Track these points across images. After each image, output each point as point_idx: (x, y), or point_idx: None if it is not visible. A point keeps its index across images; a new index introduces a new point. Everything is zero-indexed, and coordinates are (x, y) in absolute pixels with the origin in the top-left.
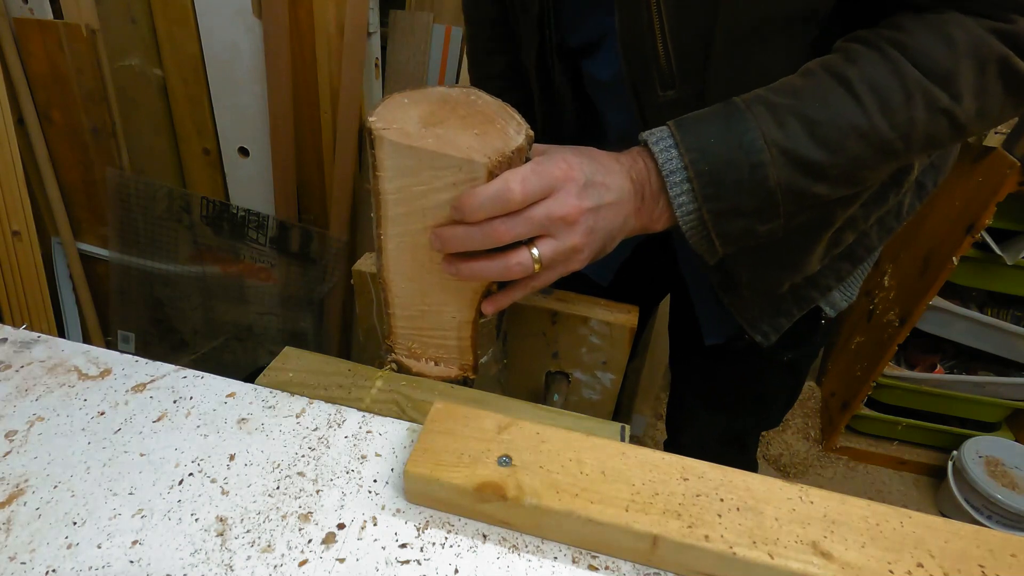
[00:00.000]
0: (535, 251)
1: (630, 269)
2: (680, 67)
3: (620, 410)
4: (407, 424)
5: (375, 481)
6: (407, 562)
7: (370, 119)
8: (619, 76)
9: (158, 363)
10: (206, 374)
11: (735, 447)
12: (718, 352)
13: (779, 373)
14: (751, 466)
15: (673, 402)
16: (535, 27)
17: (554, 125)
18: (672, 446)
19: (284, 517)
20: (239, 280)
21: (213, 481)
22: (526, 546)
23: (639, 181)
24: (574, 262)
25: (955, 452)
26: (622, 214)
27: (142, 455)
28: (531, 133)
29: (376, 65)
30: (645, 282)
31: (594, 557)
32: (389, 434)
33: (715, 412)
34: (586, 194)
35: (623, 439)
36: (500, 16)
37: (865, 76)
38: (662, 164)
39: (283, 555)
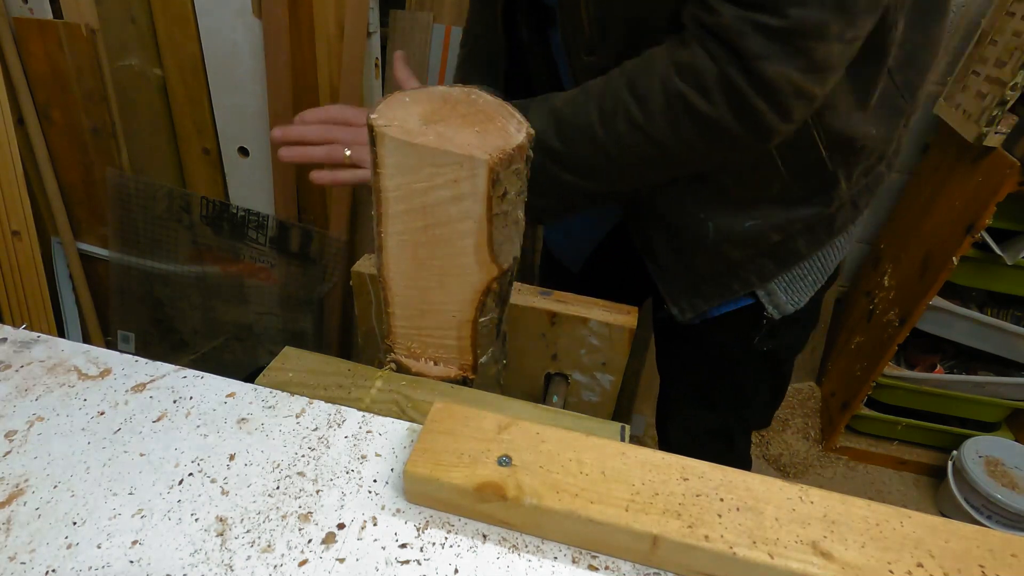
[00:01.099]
0: (347, 151)
1: (603, 258)
2: (599, 35)
3: (620, 411)
4: (407, 424)
5: (375, 481)
6: (407, 562)
7: (371, 116)
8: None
9: (158, 363)
10: (206, 374)
11: (722, 443)
12: (693, 339)
13: (756, 364)
14: (742, 464)
15: (660, 397)
16: None
17: (521, 83)
18: (663, 443)
19: (284, 517)
20: (239, 280)
21: (213, 481)
22: (526, 546)
23: None
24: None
25: (955, 452)
26: None
27: (142, 455)
28: (532, 131)
29: (376, 65)
30: (617, 269)
31: (594, 557)
32: (389, 434)
33: (697, 406)
34: None
35: (623, 439)
36: None
37: (599, 91)
38: None
39: (283, 555)
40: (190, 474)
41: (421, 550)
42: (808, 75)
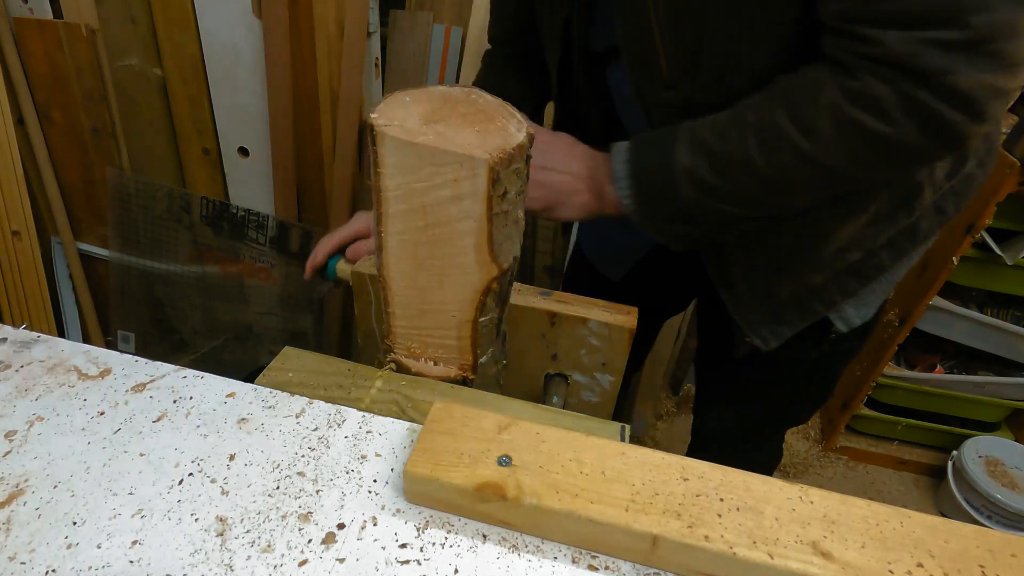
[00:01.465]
0: None
1: (645, 270)
2: (680, 70)
3: (620, 412)
4: (407, 424)
5: (375, 481)
6: (407, 562)
7: (371, 116)
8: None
9: (158, 363)
10: (206, 374)
11: (758, 435)
12: (744, 356)
13: (806, 372)
14: (774, 455)
15: (700, 399)
16: (560, 30)
17: (577, 129)
18: (698, 435)
19: (284, 517)
20: (239, 280)
21: (213, 481)
22: (526, 546)
23: (593, 173)
24: (529, 201)
25: (955, 452)
26: (570, 186)
27: (142, 455)
28: (532, 131)
29: (376, 65)
30: (659, 284)
31: (594, 557)
32: (389, 434)
33: (742, 408)
34: (538, 161)
35: (623, 439)
36: (522, 19)
37: (752, 121)
38: (614, 170)
39: (283, 555)
40: (190, 474)
41: (421, 550)
42: (1003, 74)
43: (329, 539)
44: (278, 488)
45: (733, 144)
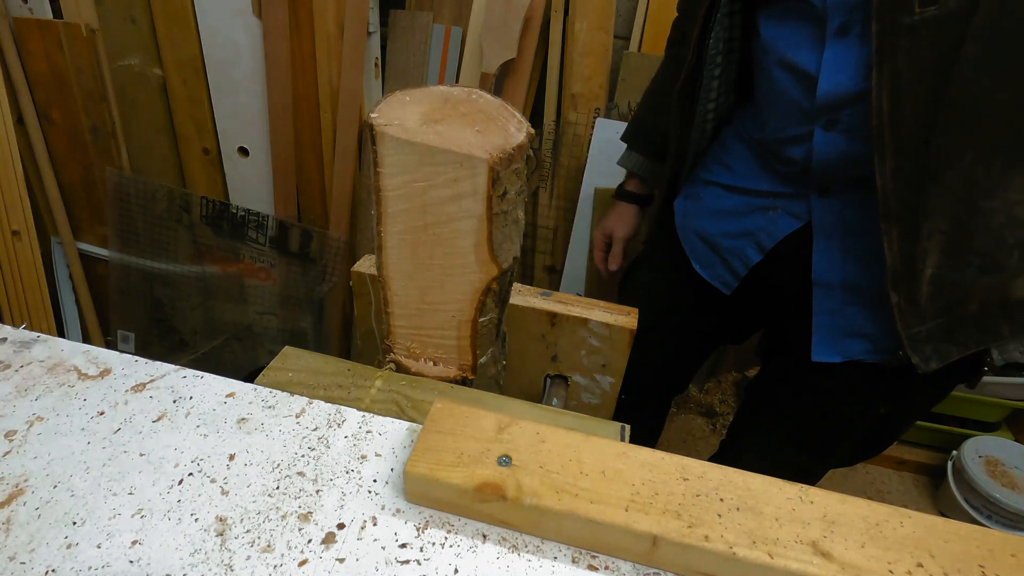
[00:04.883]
0: None
1: (757, 279)
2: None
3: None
4: (407, 424)
5: (375, 481)
6: (407, 562)
7: (371, 115)
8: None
9: (158, 363)
10: (206, 374)
11: (801, 479)
12: (813, 380)
13: (867, 424)
14: None
15: (740, 421)
16: None
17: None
18: (725, 458)
19: (284, 517)
20: (239, 280)
21: (213, 481)
22: (526, 546)
23: None
24: None
25: (955, 452)
26: None
27: (142, 455)
28: (532, 131)
29: (376, 65)
30: (773, 292)
31: (594, 557)
32: (389, 434)
33: (787, 447)
34: None
35: (623, 439)
36: None
37: None
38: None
39: (283, 555)
40: (190, 474)
41: (421, 550)
42: None
43: (329, 539)
44: (278, 488)
45: None
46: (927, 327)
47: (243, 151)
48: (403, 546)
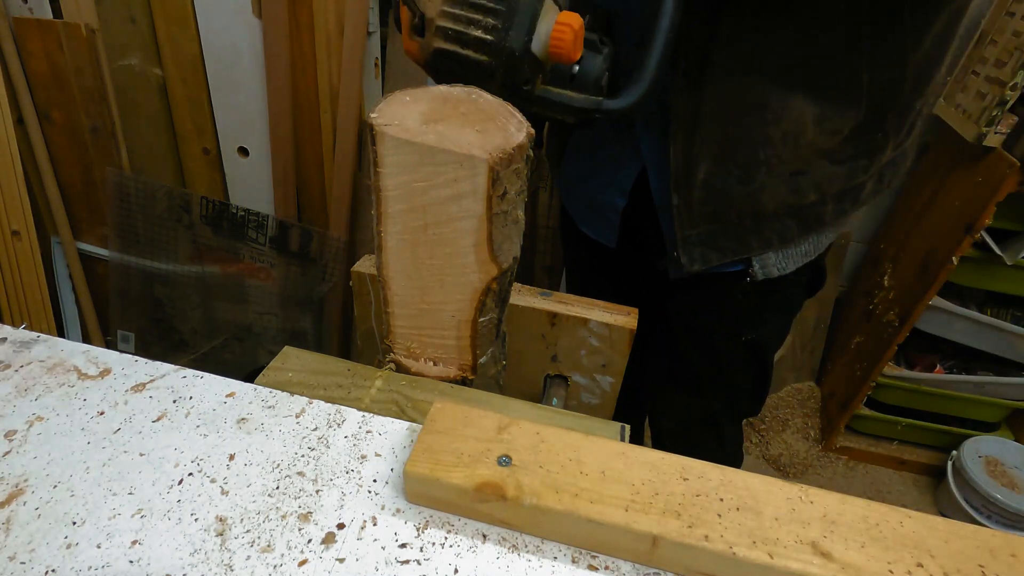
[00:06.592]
0: None
1: (632, 228)
2: None
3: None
4: (407, 424)
5: (375, 481)
6: (407, 562)
7: (371, 115)
8: None
9: (158, 363)
10: (206, 374)
11: (713, 432)
12: (679, 330)
13: (739, 353)
14: (734, 456)
15: (649, 391)
16: None
17: None
18: (656, 436)
19: (284, 517)
20: (239, 280)
21: (213, 481)
22: (526, 546)
23: None
24: None
25: (955, 452)
26: None
27: (142, 455)
28: (532, 131)
29: (376, 65)
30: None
31: (594, 557)
32: (389, 434)
33: (686, 393)
34: None
35: (623, 439)
36: None
37: None
38: None
39: (283, 555)
40: (190, 474)
41: (421, 550)
42: None
43: (329, 539)
44: (278, 488)
45: None
46: (697, 231)
47: (243, 151)
48: (403, 546)
